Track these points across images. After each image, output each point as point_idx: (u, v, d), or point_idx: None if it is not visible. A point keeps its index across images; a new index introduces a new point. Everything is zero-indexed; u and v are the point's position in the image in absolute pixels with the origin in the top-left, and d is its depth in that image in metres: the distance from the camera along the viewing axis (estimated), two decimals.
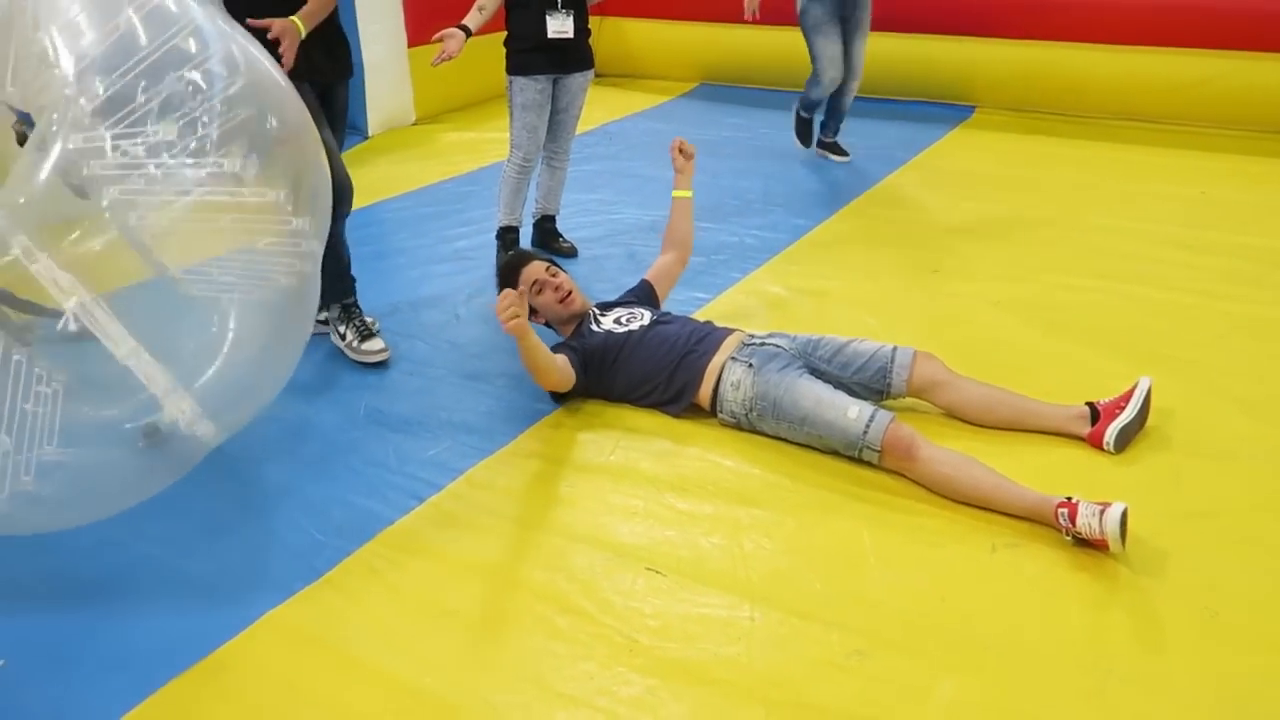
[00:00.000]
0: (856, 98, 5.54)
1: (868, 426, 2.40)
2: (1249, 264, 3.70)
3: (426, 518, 2.35)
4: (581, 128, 5.93)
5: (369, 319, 3.17)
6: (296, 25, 2.74)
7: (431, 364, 3.09)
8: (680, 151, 3.25)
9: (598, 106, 6.53)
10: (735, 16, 6.80)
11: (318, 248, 2.18)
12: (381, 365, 3.05)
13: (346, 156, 5.36)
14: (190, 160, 1.89)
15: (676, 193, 3.25)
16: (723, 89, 6.94)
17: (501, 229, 3.94)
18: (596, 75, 7.41)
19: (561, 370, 2.70)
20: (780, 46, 6.70)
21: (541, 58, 3.66)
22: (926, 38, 6.22)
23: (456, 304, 3.55)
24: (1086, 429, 2.52)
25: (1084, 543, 2.14)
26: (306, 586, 2.12)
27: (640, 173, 5.08)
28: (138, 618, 2.04)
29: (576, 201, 4.52)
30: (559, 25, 3.64)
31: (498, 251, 3.93)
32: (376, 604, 2.07)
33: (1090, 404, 2.55)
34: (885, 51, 6.36)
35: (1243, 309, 3.33)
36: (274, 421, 2.66)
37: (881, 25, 6.29)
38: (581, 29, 3.74)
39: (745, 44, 6.83)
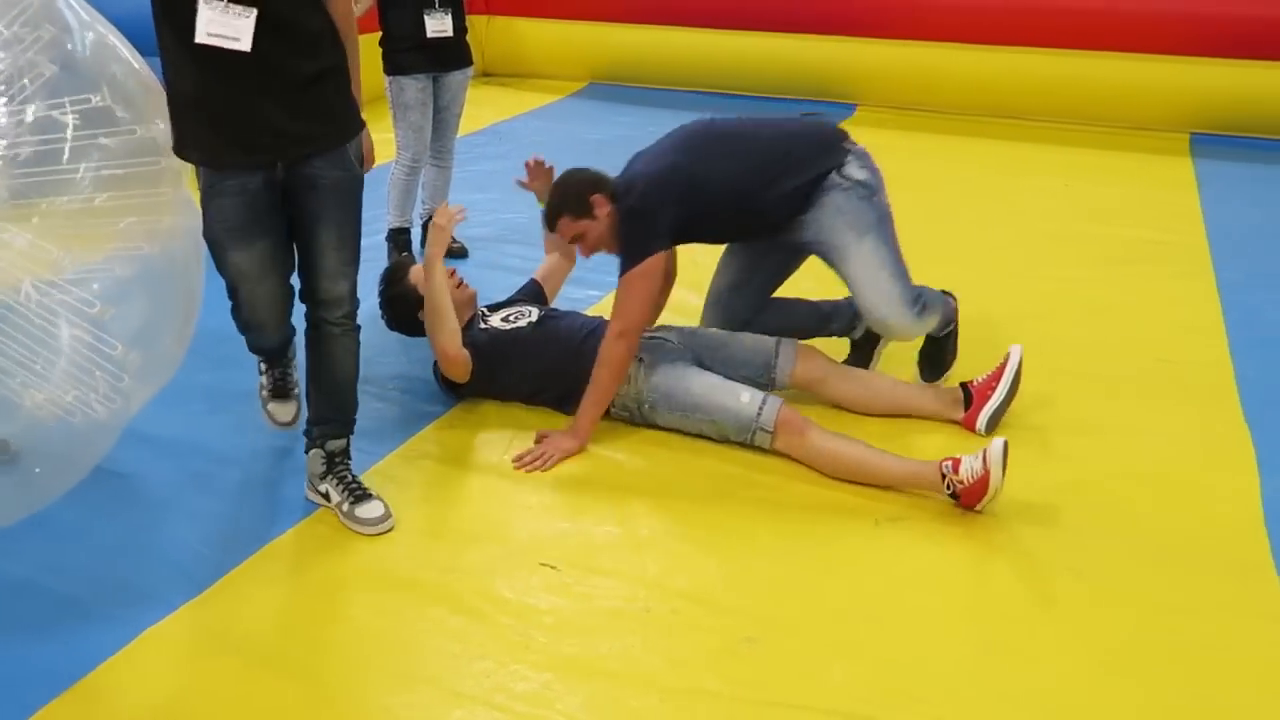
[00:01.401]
0: (743, 95, 5.54)
1: (761, 409, 2.47)
2: (1109, 253, 3.93)
3: (316, 525, 2.30)
4: (471, 127, 5.92)
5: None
6: None
7: None
8: (536, 168, 3.05)
9: (487, 106, 6.49)
10: (624, 16, 6.89)
11: (174, 161, 2.08)
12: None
13: None
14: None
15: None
16: (612, 88, 6.98)
17: (392, 231, 3.89)
18: (486, 75, 7.42)
19: (461, 349, 2.67)
20: (669, 46, 6.80)
21: (420, 56, 3.64)
22: (809, 38, 6.39)
23: None
24: (961, 413, 2.63)
25: (963, 499, 2.25)
26: (189, 601, 2.05)
27: None
28: (6, 643, 1.94)
29: (467, 202, 4.43)
30: (438, 24, 3.63)
31: (389, 254, 3.87)
32: (264, 615, 2.02)
33: (964, 385, 2.67)
34: (770, 50, 6.52)
35: (1102, 294, 3.54)
36: (153, 433, 2.56)
37: (766, 25, 6.47)
38: (459, 27, 3.73)
39: (635, 43, 6.89)
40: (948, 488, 2.28)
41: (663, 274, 2.64)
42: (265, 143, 2.05)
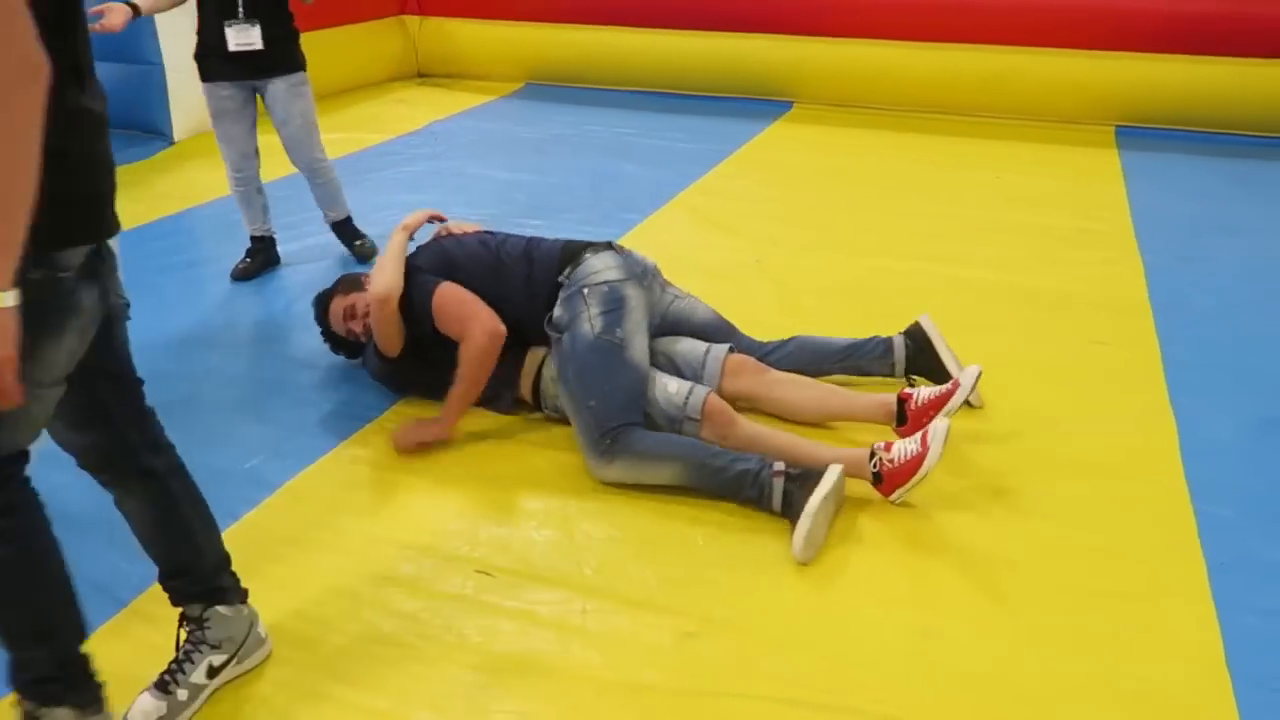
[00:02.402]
0: (680, 94, 5.49)
1: (687, 398, 2.44)
2: (1040, 241, 4.01)
3: (242, 535, 2.23)
4: (406, 128, 5.86)
5: None
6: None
7: (248, 374, 2.95)
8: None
9: (422, 106, 6.42)
10: (560, 16, 6.86)
11: None
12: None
13: (150, 164, 5.06)
14: None
15: None
16: (549, 88, 6.94)
17: (251, 238, 3.76)
18: (420, 75, 7.32)
19: (393, 291, 2.60)
20: (606, 46, 6.78)
21: (227, 65, 3.44)
22: (746, 36, 6.42)
23: (276, 310, 3.40)
24: (893, 424, 2.54)
25: (886, 481, 2.24)
26: (111, 619, 1.98)
27: (467, 171, 5.01)
28: None
29: (404, 203, 4.41)
30: (242, 36, 3.38)
31: (248, 261, 3.73)
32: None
33: (901, 399, 2.54)
34: (707, 49, 6.54)
35: (1034, 282, 3.59)
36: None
37: (703, 24, 6.50)
38: (273, 35, 3.44)
39: (571, 43, 6.85)
40: (873, 466, 2.26)
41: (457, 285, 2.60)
42: None
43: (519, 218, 4.30)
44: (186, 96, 5.46)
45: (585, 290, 2.49)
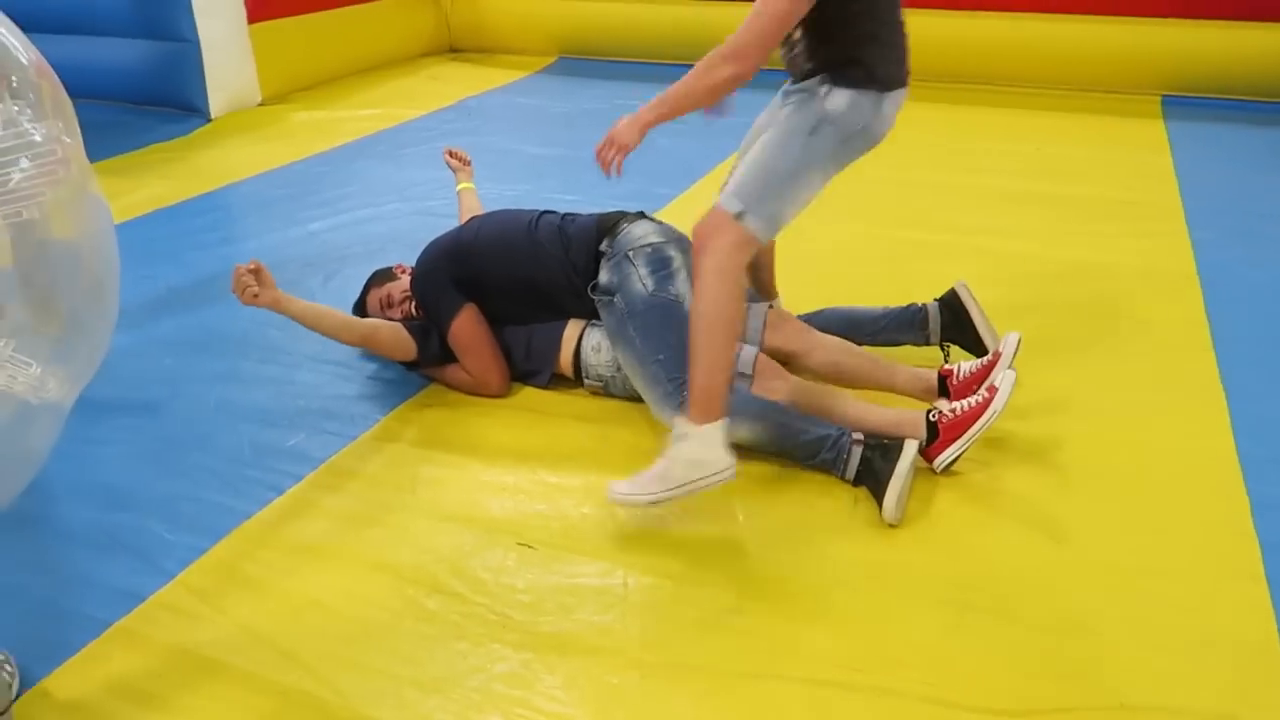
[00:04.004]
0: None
1: (737, 355, 2.42)
2: (1080, 213, 3.92)
3: (286, 510, 2.25)
4: (438, 104, 5.84)
5: None
6: None
7: (287, 350, 2.96)
8: (453, 156, 3.30)
9: (455, 83, 6.40)
10: None
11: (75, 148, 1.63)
12: None
13: (187, 142, 5.10)
14: None
15: (461, 186, 3.25)
16: (582, 62, 6.89)
17: None
18: (453, 50, 7.29)
19: (375, 332, 2.66)
20: (639, 19, 6.71)
21: None
22: None
23: (313, 287, 3.41)
24: (935, 398, 2.52)
25: (942, 435, 2.23)
26: (157, 591, 2.00)
27: (500, 147, 4.99)
28: None
29: (435, 178, 4.40)
30: None
31: None
32: (235, 602, 1.97)
33: (942, 375, 2.52)
34: (738, 23, 6.43)
35: (1074, 255, 3.53)
36: (113, 414, 2.49)
37: None
38: None
39: (604, 16, 6.79)
40: (931, 417, 2.26)
41: (478, 319, 2.65)
42: None
43: (552, 193, 4.27)
44: (223, 74, 5.49)
45: (630, 253, 2.52)
